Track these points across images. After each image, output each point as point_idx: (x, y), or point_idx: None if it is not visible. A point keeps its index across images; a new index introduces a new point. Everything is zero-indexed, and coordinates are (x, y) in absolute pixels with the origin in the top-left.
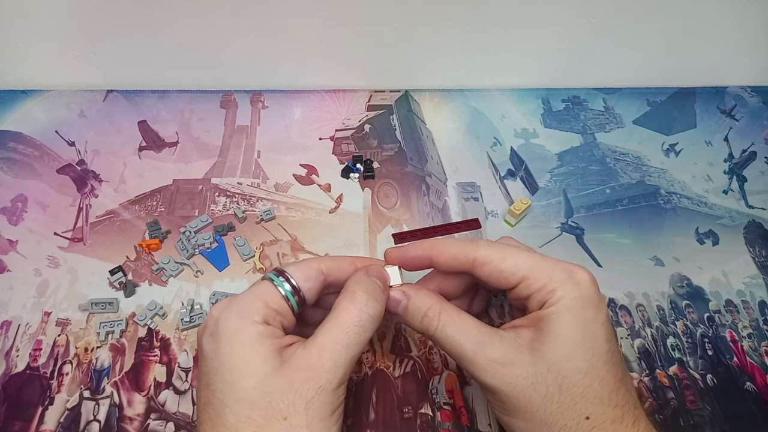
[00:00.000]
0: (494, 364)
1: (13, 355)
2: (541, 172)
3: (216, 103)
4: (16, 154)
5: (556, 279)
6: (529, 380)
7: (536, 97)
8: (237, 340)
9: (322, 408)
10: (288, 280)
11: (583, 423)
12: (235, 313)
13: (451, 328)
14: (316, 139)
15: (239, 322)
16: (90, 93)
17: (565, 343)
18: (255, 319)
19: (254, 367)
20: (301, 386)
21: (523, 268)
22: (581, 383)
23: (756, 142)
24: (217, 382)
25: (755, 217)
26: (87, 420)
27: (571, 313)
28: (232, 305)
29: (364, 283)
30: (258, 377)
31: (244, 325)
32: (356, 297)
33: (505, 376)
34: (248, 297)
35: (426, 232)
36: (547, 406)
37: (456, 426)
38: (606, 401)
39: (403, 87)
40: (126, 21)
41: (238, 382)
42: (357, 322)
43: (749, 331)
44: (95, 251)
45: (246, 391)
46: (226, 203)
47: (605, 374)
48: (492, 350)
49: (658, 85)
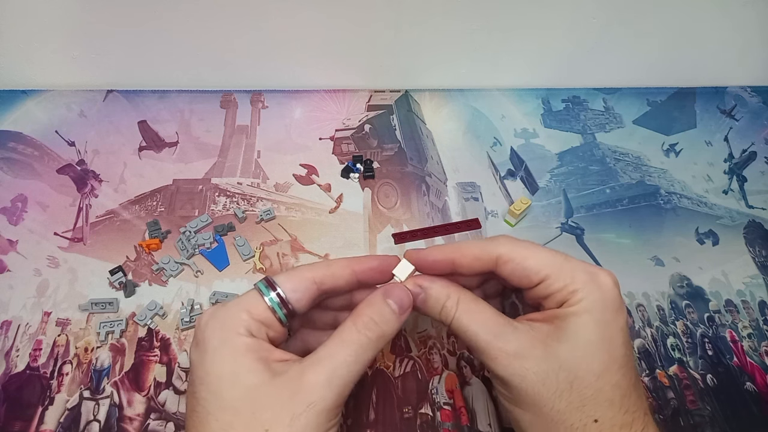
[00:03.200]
0: (506, 355)
1: (13, 355)
2: (541, 172)
3: (216, 103)
4: (16, 154)
5: (579, 280)
6: (539, 375)
7: (536, 97)
8: (222, 351)
9: (308, 425)
10: (276, 290)
11: (591, 426)
12: (220, 324)
13: (466, 318)
14: (316, 139)
15: (223, 333)
16: (90, 93)
17: (582, 343)
18: (239, 331)
19: (239, 377)
20: (289, 399)
21: (546, 267)
22: (593, 385)
23: (756, 142)
24: (202, 390)
25: (755, 217)
26: (87, 420)
27: (590, 315)
28: (217, 316)
29: (373, 305)
30: (244, 388)
31: (229, 337)
32: (360, 320)
33: (516, 368)
34: (233, 308)
35: (426, 232)
36: (555, 403)
37: (456, 426)
38: (617, 406)
39: (403, 87)
40: (126, 21)
41: (223, 391)
42: (359, 343)
43: (749, 331)
44: (95, 251)
45: (230, 400)
46: (226, 203)
47: (619, 379)
48: (505, 341)
49: (658, 85)
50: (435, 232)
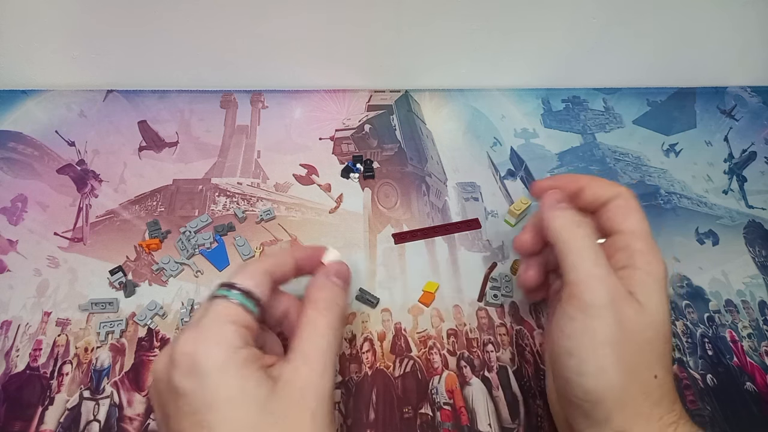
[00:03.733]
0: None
1: (13, 355)
2: (541, 172)
3: (216, 103)
4: (16, 154)
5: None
6: (617, 317)
7: (536, 97)
8: (225, 371)
9: (324, 415)
10: (243, 291)
11: (652, 380)
12: (214, 344)
13: (579, 242)
14: (316, 139)
15: (222, 352)
16: (90, 93)
17: (659, 308)
18: (237, 345)
19: (250, 394)
20: (302, 398)
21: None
22: (659, 348)
23: (756, 142)
24: (212, 418)
25: (755, 217)
26: (87, 420)
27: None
28: (205, 336)
29: (323, 288)
30: (257, 403)
31: (228, 355)
32: (320, 304)
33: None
34: (216, 323)
35: (426, 232)
36: (623, 347)
37: (456, 426)
38: (667, 371)
39: (403, 87)
40: (126, 21)
41: (238, 411)
42: (329, 325)
43: (749, 331)
44: (95, 251)
45: (248, 418)
46: (226, 203)
47: (669, 352)
48: (607, 277)
49: (658, 85)
50: (435, 232)
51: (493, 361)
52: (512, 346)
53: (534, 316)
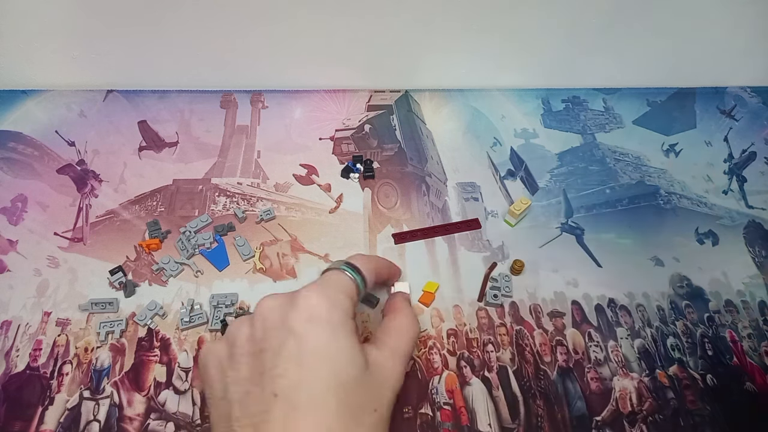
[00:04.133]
0: None
1: (13, 355)
2: (541, 172)
3: (216, 103)
4: (16, 154)
5: None
6: None
7: (536, 97)
8: (340, 330)
9: (390, 409)
10: (361, 274)
11: None
12: (337, 305)
13: None
14: (316, 139)
15: (341, 314)
16: (90, 93)
17: None
18: (351, 315)
19: (355, 358)
20: (382, 386)
21: None
22: None
23: (756, 142)
24: (317, 365)
25: (755, 217)
26: (87, 420)
27: None
28: (328, 295)
29: (409, 308)
30: (357, 368)
31: (345, 319)
32: (412, 317)
33: None
34: (338, 290)
35: (426, 232)
36: None
37: (456, 426)
38: None
39: (403, 87)
40: (126, 21)
41: (340, 367)
42: (412, 338)
43: (749, 332)
44: (95, 251)
45: (347, 377)
46: (226, 203)
47: None
48: None
49: (658, 85)
50: (435, 232)
51: (493, 361)
52: (512, 346)
53: (534, 316)
